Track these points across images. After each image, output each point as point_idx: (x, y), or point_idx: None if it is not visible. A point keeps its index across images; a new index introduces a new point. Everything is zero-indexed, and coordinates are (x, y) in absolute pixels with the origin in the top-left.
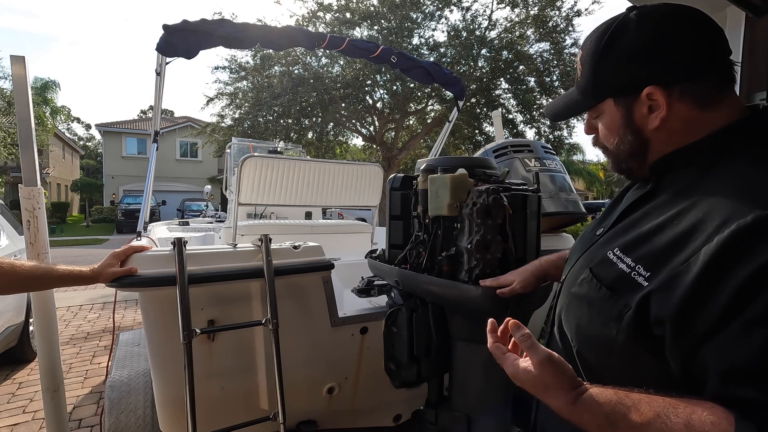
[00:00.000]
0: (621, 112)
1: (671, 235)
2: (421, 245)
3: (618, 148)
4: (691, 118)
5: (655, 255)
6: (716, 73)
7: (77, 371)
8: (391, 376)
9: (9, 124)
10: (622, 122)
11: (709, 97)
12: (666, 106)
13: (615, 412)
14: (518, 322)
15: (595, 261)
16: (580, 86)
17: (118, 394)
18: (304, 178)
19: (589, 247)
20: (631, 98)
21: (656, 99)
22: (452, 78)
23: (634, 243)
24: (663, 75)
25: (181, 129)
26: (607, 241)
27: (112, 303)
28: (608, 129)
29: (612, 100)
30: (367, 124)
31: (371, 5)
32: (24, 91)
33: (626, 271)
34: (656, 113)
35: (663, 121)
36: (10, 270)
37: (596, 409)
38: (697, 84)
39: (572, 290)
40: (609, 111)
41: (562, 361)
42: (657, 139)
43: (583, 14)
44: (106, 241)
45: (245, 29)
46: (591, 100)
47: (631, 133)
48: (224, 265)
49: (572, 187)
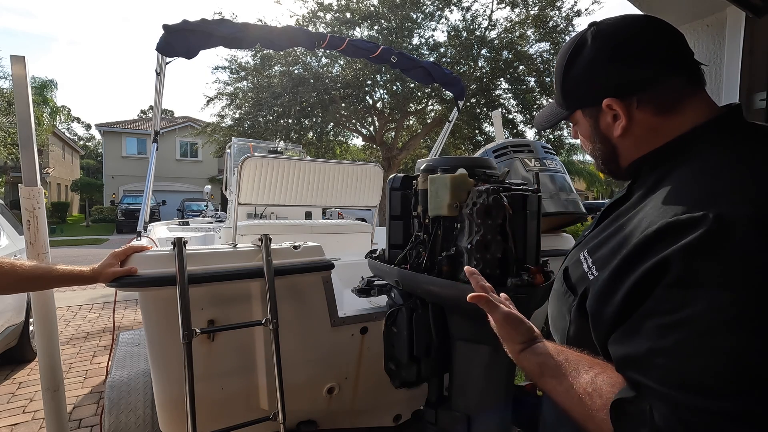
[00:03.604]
0: (589, 122)
1: (620, 237)
2: (421, 245)
3: (594, 154)
4: (654, 124)
5: (606, 256)
6: (676, 79)
7: (77, 371)
8: (391, 376)
9: (9, 124)
10: (592, 131)
11: (670, 103)
12: (625, 116)
13: (545, 363)
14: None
15: (572, 261)
16: (556, 99)
17: (118, 394)
18: (304, 178)
19: (575, 247)
20: (595, 109)
21: (616, 110)
22: (452, 78)
23: (598, 245)
24: (617, 88)
25: (181, 129)
26: (584, 243)
27: (112, 303)
28: (583, 136)
29: (580, 111)
30: (367, 124)
31: (371, 5)
32: (24, 91)
33: (585, 270)
34: (618, 122)
35: (624, 130)
36: (10, 270)
37: (533, 359)
38: (656, 92)
39: (554, 287)
40: (581, 121)
41: (518, 320)
42: (623, 146)
43: (583, 14)
44: (106, 241)
45: (245, 29)
46: (564, 111)
47: (600, 141)
48: (224, 265)
49: (572, 187)
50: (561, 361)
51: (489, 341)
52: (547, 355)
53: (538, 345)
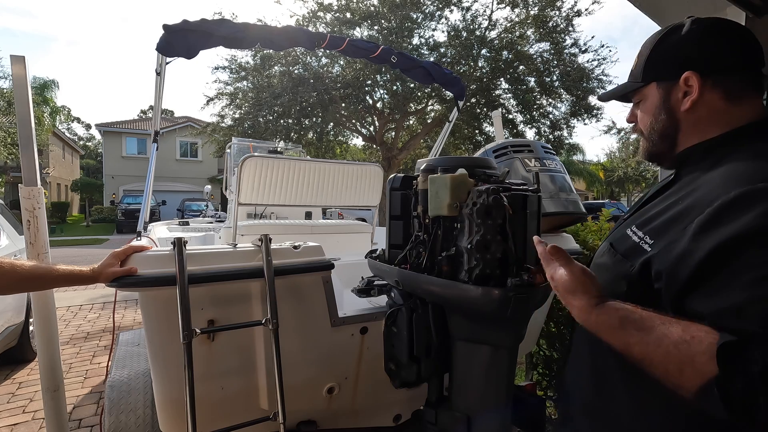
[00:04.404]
0: (660, 94)
1: (673, 212)
2: (421, 245)
3: (652, 129)
4: (719, 107)
5: (659, 228)
6: (746, 74)
7: (77, 371)
8: (391, 376)
9: (9, 124)
10: (660, 103)
11: (736, 94)
12: (698, 92)
13: (627, 316)
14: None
15: (617, 237)
16: (632, 74)
17: (118, 394)
18: (304, 178)
19: (615, 229)
20: (670, 83)
21: (691, 85)
22: (452, 78)
23: (647, 221)
24: (700, 63)
25: (181, 129)
26: (628, 223)
27: (112, 303)
28: (647, 111)
29: (655, 84)
30: (367, 124)
31: (371, 5)
32: (24, 91)
33: (637, 241)
34: (689, 97)
35: (693, 105)
36: (10, 270)
37: (613, 312)
38: (731, 79)
39: (596, 261)
40: (651, 94)
41: (593, 276)
42: (686, 122)
43: (583, 14)
44: (106, 241)
45: (245, 29)
46: (639, 83)
47: (666, 113)
48: (224, 265)
49: (572, 187)
50: (645, 314)
51: (489, 341)
52: (627, 309)
53: (614, 301)
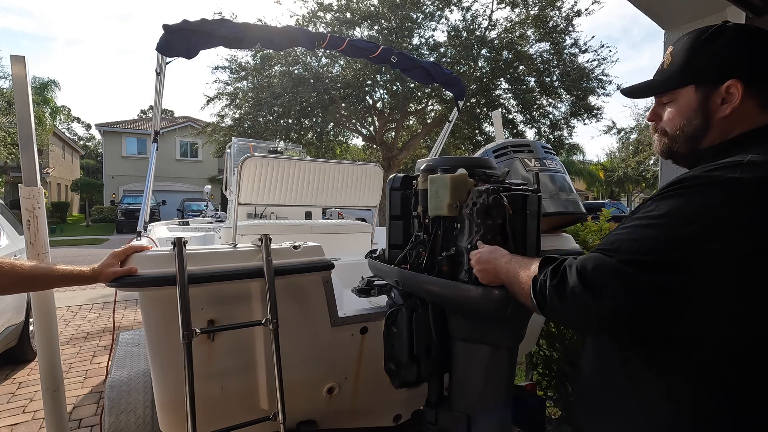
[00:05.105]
0: (698, 97)
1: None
2: (421, 245)
3: (680, 130)
4: (750, 114)
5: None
6: None
7: (77, 371)
8: (391, 376)
9: (9, 124)
10: (697, 107)
11: None
12: (739, 100)
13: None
14: None
15: None
16: (665, 73)
17: (118, 394)
18: (304, 178)
19: None
20: (711, 87)
21: (733, 92)
22: (452, 78)
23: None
24: (746, 72)
25: (181, 129)
26: None
27: (112, 303)
28: (678, 112)
29: (694, 86)
30: (367, 124)
31: (371, 5)
32: (24, 91)
33: None
34: (728, 104)
35: (733, 111)
36: (10, 270)
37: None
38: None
39: None
40: (686, 96)
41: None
42: (718, 127)
43: (583, 14)
44: (106, 241)
45: (245, 29)
46: (675, 84)
47: (701, 117)
48: (224, 265)
49: (572, 187)
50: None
51: (489, 341)
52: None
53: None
